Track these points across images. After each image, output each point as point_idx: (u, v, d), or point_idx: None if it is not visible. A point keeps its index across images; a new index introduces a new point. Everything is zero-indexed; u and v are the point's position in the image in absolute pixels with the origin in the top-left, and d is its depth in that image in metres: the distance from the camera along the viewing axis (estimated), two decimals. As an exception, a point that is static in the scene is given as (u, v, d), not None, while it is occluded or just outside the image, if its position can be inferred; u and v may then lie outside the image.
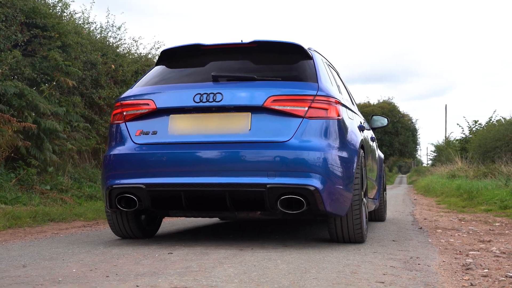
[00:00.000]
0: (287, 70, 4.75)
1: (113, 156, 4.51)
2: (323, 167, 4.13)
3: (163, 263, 3.51)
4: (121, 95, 4.75)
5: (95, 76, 10.51)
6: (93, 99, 10.62)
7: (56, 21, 9.40)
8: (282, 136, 4.20)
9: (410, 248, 4.44)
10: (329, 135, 4.28)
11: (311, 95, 4.29)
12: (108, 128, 4.80)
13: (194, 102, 4.34)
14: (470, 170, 18.75)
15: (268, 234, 5.39)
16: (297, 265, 3.44)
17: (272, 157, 4.14)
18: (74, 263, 3.59)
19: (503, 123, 23.36)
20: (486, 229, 6.12)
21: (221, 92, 4.32)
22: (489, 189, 11.77)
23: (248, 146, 4.20)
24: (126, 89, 11.61)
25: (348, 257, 3.86)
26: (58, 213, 7.08)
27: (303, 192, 4.09)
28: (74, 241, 4.96)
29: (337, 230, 4.55)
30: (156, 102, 4.46)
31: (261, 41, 4.72)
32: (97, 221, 7.15)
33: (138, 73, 12.29)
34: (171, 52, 5.00)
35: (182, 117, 4.43)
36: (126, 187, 4.37)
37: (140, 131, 4.48)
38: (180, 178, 4.24)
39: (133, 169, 4.38)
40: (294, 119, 4.24)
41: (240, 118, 4.31)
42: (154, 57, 13.75)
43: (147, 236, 5.09)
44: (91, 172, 10.39)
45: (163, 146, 4.37)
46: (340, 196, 4.22)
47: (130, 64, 11.89)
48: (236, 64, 4.88)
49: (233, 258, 3.74)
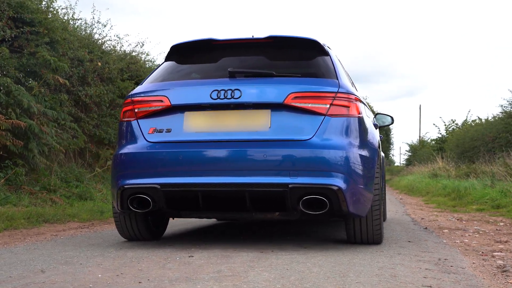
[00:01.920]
0: (304, 66, 4.61)
1: (124, 155, 4.32)
2: (346, 167, 4.01)
3: (190, 267, 3.35)
4: (132, 91, 4.56)
5: (82, 74, 10.24)
6: (80, 97, 10.35)
7: (43, 16, 9.12)
8: (304, 134, 4.07)
9: (431, 249, 4.34)
10: (351, 133, 4.15)
11: (333, 92, 4.16)
12: (118, 126, 4.59)
13: (211, 98, 4.18)
14: (451, 169, 18.84)
15: (279, 235, 5.25)
16: (330, 269, 3.31)
17: (293, 156, 4.00)
18: (95, 267, 3.41)
19: (481, 123, 23.57)
20: (493, 229, 6.07)
21: (239, 89, 4.16)
22: (477, 189, 11.79)
23: (268, 145, 4.06)
24: (112, 87, 11.39)
25: (376, 259, 3.74)
26: (51, 214, 6.84)
27: (326, 192, 3.96)
28: (79, 243, 4.75)
29: (355, 231, 4.43)
30: (170, 99, 4.28)
31: (277, 36, 4.58)
32: (91, 222, 6.93)
33: (124, 71, 12.04)
34: (181, 47, 4.82)
35: (198, 114, 4.26)
36: (139, 187, 4.18)
37: (153, 128, 4.30)
38: (198, 177, 4.07)
39: (147, 169, 4.19)
40: (316, 117, 4.11)
41: (260, 116, 4.17)
42: (139, 54, 13.51)
43: (155, 237, 4.91)
44: (77, 172, 10.12)
45: (178, 144, 4.20)
46: (361, 196, 4.10)
47: (116, 61, 11.63)
48: (250, 59, 4.73)
49: (259, 261, 3.59)
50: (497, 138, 18.71)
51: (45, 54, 8.74)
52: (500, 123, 18.62)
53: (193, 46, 4.80)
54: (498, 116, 19.99)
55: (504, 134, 17.78)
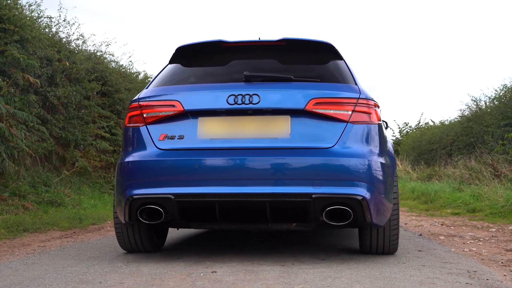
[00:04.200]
0: (319, 70, 4.44)
1: (132, 163, 4.05)
2: (370, 175, 3.87)
3: (223, 285, 3.13)
4: (139, 95, 4.28)
5: (50, 73, 9.79)
6: (48, 98, 9.90)
7: (12, 13, 8.67)
8: (326, 142, 3.90)
9: (450, 260, 4.24)
10: (372, 141, 4.02)
11: (354, 98, 4.02)
12: (123, 132, 4.32)
13: (228, 104, 3.96)
14: (413, 172, 19.04)
15: (284, 244, 5.06)
16: (370, 285, 3.16)
17: (316, 164, 3.82)
18: (118, 286, 3.15)
19: (437, 126, 23.96)
20: (488, 235, 6.04)
21: (258, 94, 3.96)
22: (447, 192, 11.88)
23: (290, 153, 3.87)
24: (79, 88, 10.95)
25: (406, 271, 3.61)
26: (30, 222, 6.47)
27: (350, 202, 3.80)
28: (76, 256, 4.47)
29: (372, 241, 4.30)
30: (183, 104, 4.04)
31: (290, 39, 4.40)
32: (72, 230, 6.59)
33: (90, 71, 11.59)
34: (188, 49, 4.58)
35: (213, 120, 4.04)
36: (151, 197, 3.92)
37: (164, 135, 4.05)
38: (215, 187, 3.84)
39: (159, 178, 3.94)
40: (338, 124, 3.95)
41: (279, 122, 3.98)
42: (104, 54, 13.08)
43: (157, 249, 4.66)
44: (45, 176, 9.68)
45: (193, 152, 3.96)
46: (382, 206, 3.97)
47: (83, 61, 11.20)
48: (262, 63, 4.53)
49: (291, 276, 3.42)
50: (456, 141, 19.02)
51: (14, 52, 8.30)
52: (459, 127, 18.92)
53: (201, 48, 4.57)
54: (456, 120, 20.33)
55: (462, 138, 18.07)
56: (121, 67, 13.97)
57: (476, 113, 17.43)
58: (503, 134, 13.68)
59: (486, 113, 16.59)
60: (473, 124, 17.11)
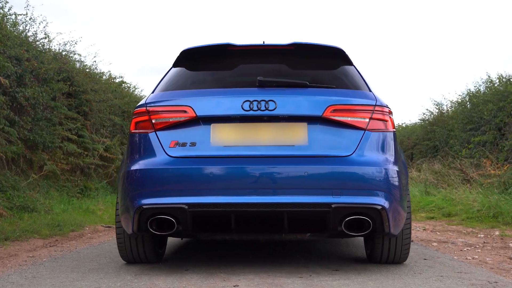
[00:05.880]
0: (329, 76, 4.33)
1: (140, 172, 3.86)
2: (388, 184, 3.80)
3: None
4: (146, 100, 4.08)
5: (20, 73, 9.41)
6: (16, 99, 9.51)
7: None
8: (344, 150, 3.81)
9: (460, 269, 4.21)
10: (389, 149, 3.95)
11: (371, 105, 3.94)
12: (128, 138, 4.12)
13: (243, 110, 3.83)
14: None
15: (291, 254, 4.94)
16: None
17: (335, 173, 3.73)
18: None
19: (398, 129, 24.26)
20: (479, 241, 6.07)
21: (274, 100, 3.84)
22: (418, 196, 11.99)
23: (308, 161, 3.77)
24: (47, 89, 10.57)
25: (429, 283, 3.58)
26: (9, 230, 6.16)
27: (369, 212, 3.72)
28: (76, 268, 4.27)
29: (383, 251, 4.23)
30: (195, 109, 3.88)
31: (300, 43, 4.30)
32: (54, 238, 6.33)
33: (56, 71, 11.19)
34: (193, 52, 4.43)
35: (227, 127, 3.89)
36: (162, 207, 3.75)
37: (175, 142, 3.88)
38: (231, 197, 3.70)
39: (171, 187, 3.77)
40: (355, 132, 3.86)
41: (296, 129, 3.86)
42: (69, 54, 12.69)
43: (159, 259, 4.47)
44: (13, 180, 9.30)
45: (206, 160, 3.81)
46: (398, 215, 3.90)
47: (50, 61, 10.82)
48: (271, 67, 4.40)
49: (319, 290, 3.30)
50: (417, 144, 19.29)
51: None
52: (421, 130, 19.20)
53: (206, 51, 4.42)
54: (417, 123, 20.62)
55: (425, 141, 18.33)
56: (85, 67, 13.60)
57: (439, 117, 17.70)
58: (469, 138, 13.90)
59: (449, 117, 16.86)
60: (436, 128, 17.37)
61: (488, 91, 13.95)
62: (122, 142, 14.26)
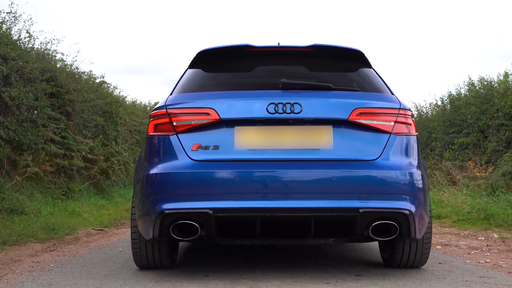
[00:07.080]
0: (350, 78, 4.28)
1: (161, 176, 3.75)
2: (413, 188, 3.77)
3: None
4: (165, 102, 3.96)
5: (6, 73, 9.17)
6: (2, 98, 9.26)
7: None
8: (370, 154, 3.77)
9: (480, 273, 4.21)
10: (412, 153, 3.92)
11: (396, 108, 3.90)
12: (146, 141, 4.00)
13: (268, 113, 3.75)
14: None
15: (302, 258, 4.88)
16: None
17: (362, 177, 3.68)
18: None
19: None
20: (482, 244, 6.09)
21: (299, 102, 3.77)
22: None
23: (334, 165, 3.71)
24: (32, 88, 10.33)
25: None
26: (5, 234, 5.98)
27: (397, 216, 3.69)
28: (87, 273, 4.16)
29: (403, 255, 4.20)
30: (218, 112, 3.79)
31: (320, 45, 4.25)
32: (52, 242, 6.16)
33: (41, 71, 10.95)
34: (210, 53, 4.34)
35: (251, 130, 3.81)
36: (186, 212, 3.65)
37: (198, 145, 3.78)
38: (257, 201, 3.62)
39: (194, 191, 3.67)
40: (381, 135, 3.82)
41: (322, 133, 3.80)
42: (52, 53, 12.42)
43: (173, 265, 4.37)
44: (-3, 182, 9.06)
45: (230, 163, 3.72)
46: (422, 219, 3.87)
47: (35, 60, 10.57)
48: (289, 69, 4.34)
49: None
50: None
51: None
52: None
53: (224, 52, 4.33)
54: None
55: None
56: (66, 66, 13.34)
57: (420, 120, 17.83)
58: (452, 140, 14.00)
59: (428, 120, 16.98)
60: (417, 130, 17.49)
61: (470, 94, 14.08)
62: (104, 144, 14.05)
